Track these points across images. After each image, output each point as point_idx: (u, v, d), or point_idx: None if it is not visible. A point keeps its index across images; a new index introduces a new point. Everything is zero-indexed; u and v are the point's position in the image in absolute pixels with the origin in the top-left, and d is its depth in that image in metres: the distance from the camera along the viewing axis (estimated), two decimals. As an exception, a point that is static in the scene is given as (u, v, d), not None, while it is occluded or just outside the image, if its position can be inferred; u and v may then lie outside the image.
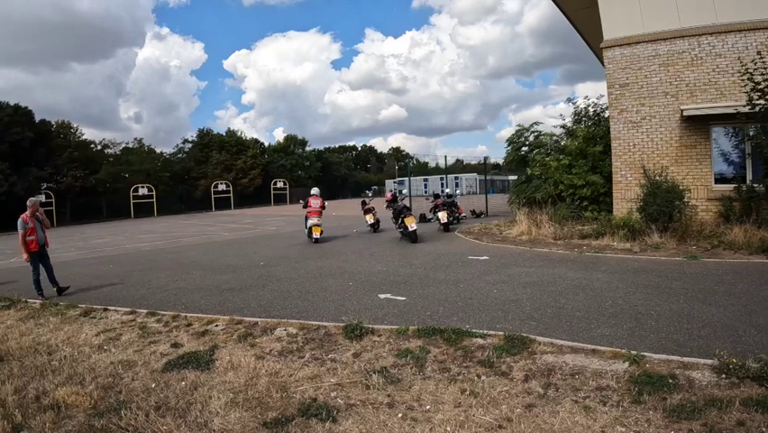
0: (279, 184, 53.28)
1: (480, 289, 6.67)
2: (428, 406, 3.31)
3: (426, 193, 46.37)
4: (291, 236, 16.04)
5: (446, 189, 19.80)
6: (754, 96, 8.99)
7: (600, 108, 14.53)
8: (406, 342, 4.56)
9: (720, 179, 10.98)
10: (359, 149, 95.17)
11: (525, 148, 16.09)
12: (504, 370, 3.82)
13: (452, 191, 20.00)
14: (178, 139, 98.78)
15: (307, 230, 13.75)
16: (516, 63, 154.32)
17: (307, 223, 13.73)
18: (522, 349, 4.17)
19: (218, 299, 6.94)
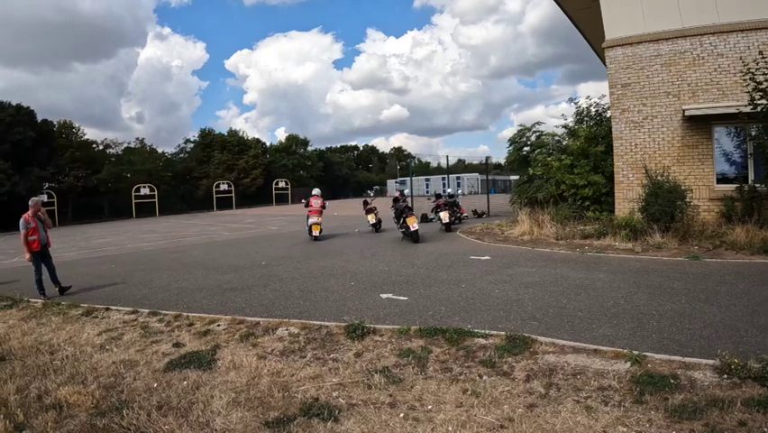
0: (281, 184, 53.33)
1: (482, 289, 6.67)
2: (430, 406, 3.31)
3: (428, 193, 46.35)
4: (293, 236, 16.06)
5: (448, 189, 19.80)
6: (756, 96, 8.98)
7: (602, 108, 14.51)
8: (407, 342, 4.56)
9: (722, 179, 10.96)
10: (360, 149, 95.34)
11: (527, 148, 16.04)
12: (506, 370, 3.82)
13: (453, 191, 20.01)
14: (179, 139, 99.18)
15: (308, 228, 14.50)
16: (518, 63, 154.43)
17: (308, 221, 14.52)
18: (524, 349, 4.17)
19: (220, 299, 6.95)
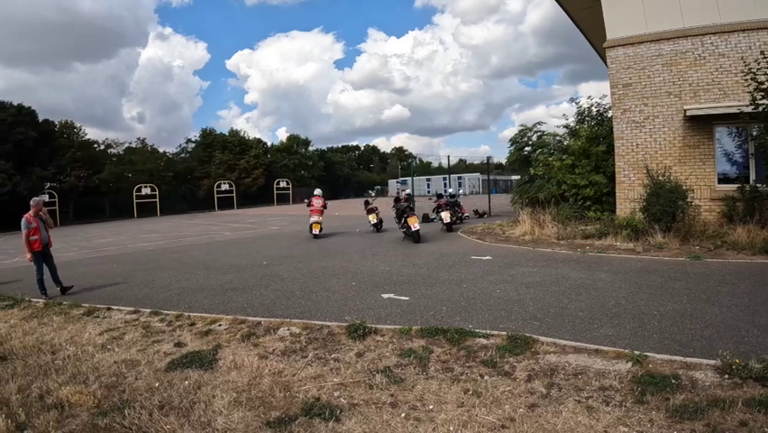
0: (282, 184, 53.30)
1: (483, 289, 6.67)
2: (431, 406, 3.32)
3: (429, 193, 46.40)
4: (294, 236, 16.08)
5: (449, 189, 19.79)
6: (758, 96, 8.96)
7: (603, 108, 14.48)
8: (409, 342, 4.57)
9: (723, 179, 10.94)
10: (362, 149, 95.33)
11: (528, 148, 16.02)
12: (507, 370, 3.83)
13: (455, 191, 20.00)
14: (181, 139, 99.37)
15: (309, 226, 15.17)
16: (519, 63, 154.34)
17: (309, 220, 15.23)
18: (525, 349, 4.17)
19: (221, 299, 6.95)
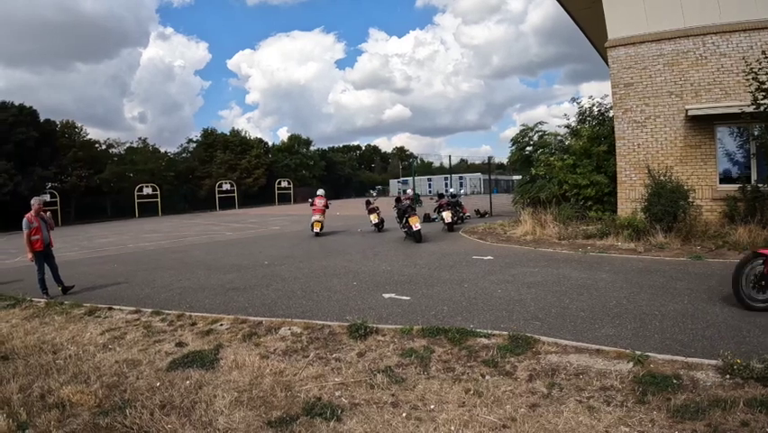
0: (284, 184, 53.31)
1: (485, 288, 6.67)
2: (432, 405, 3.31)
3: (431, 193, 46.42)
4: (295, 236, 16.08)
5: (450, 189, 19.81)
6: (759, 96, 8.94)
7: (605, 108, 14.47)
8: (410, 341, 4.57)
9: (725, 179, 10.93)
10: (363, 148, 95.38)
11: (530, 148, 16.02)
12: (508, 370, 3.82)
13: (456, 191, 20.00)
14: (182, 139, 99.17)
15: (311, 225, 15.64)
16: (521, 63, 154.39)
17: (311, 219, 15.72)
18: (526, 349, 4.17)
19: (222, 299, 6.95)
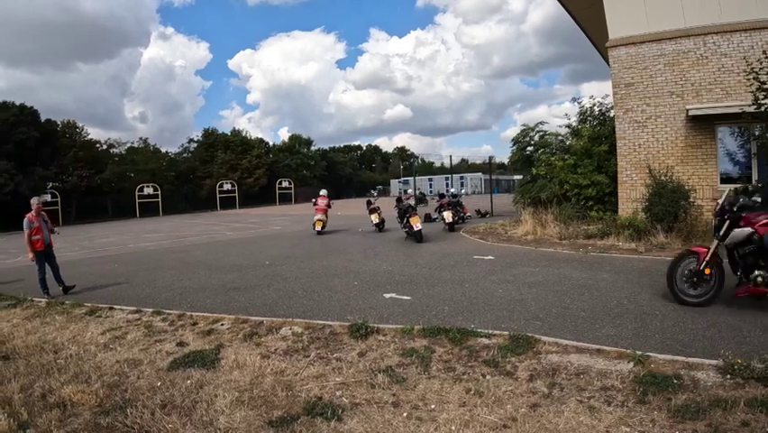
0: (284, 184, 53.33)
1: (485, 288, 6.67)
2: (433, 405, 3.32)
3: (432, 193, 46.40)
4: (296, 236, 16.09)
5: (451, 189, 19.83)
6: (760, 96, 8.91)
7: (606, 108, 14.44)
8: (411, 341, 4.57)
9: (726, 179, 10.89)
10: (364, 148, 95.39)
11: (530, 148, 15.99)
12: (509, 369, 3.82)
13: (457, 191, 19.99)
14: (183, 138, 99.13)
15: (312, 223, 16.19)
16: (521, 63, 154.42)
17: (314, 218, 16.28)
18: (527, 349, 4.17)
19: (223, 299, 6.96)
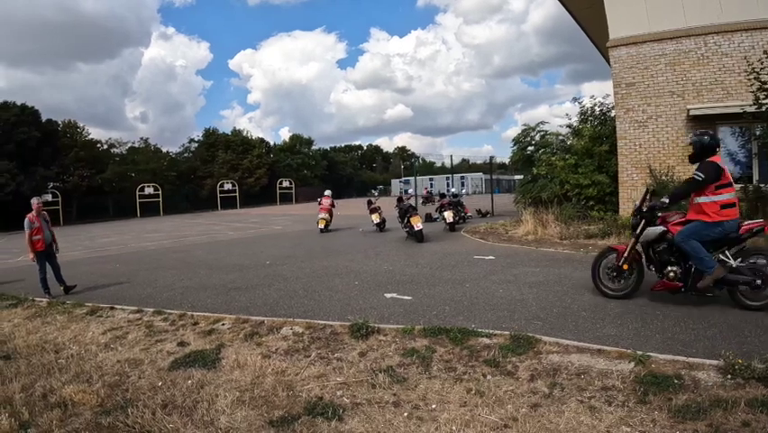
0: (285, 183, 53.35)
1: (486, 288, 6.66)
2: (434, 405, 3.32)
3: (432, 193, 46.34)
4: (297, 236, 16.10)
5: (452, 189, 19.82)
6: (761, 96, 8.93)
7: (606, 108, 14.45)
8: (412, 341, 4.56)
9: (727, 179, 10.89)
10: (364, 148, 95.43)
11: (531, 147, 15.99)
12: (509, 369, 3.82)
13: (457, 191, 19.97)
14: (183, 138, 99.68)
15: (317, 222, 16.61)
16: (522, 62, 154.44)
17: (318, 216, 16.70)
18: (528, 349, 4.16)
19: (224, 298, 6.96)
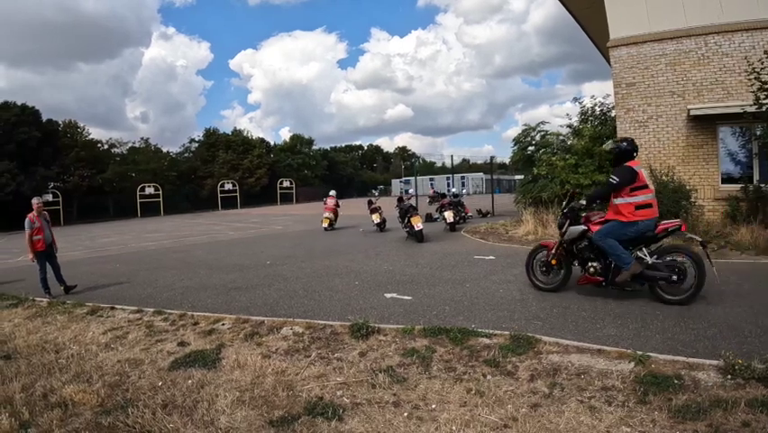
0: (286, 183, 53.35)
1: (486, 288, 6.67)
2: (434, 405, 3.32)
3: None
4: (298, 236, 16.10)
5: (452, 189, 19.80)
6: (761, 96, 8.92)
7: (607, 108, 14.46)
8: (412, 341, 4.56)
9: (727, 179, 10.89)
10: (365, 148, 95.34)
11: (532, 147, 15.96)
12: (509, 369, 3.82)
13: (458, 191, 19.95)
14: (184, 138, 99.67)
15: (321, 220, 17.18)
16: (522, 62, 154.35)
17: (323, 215, 17.25)
18: (528, 349, 4.16)
19: (224, 298, 6.97)
